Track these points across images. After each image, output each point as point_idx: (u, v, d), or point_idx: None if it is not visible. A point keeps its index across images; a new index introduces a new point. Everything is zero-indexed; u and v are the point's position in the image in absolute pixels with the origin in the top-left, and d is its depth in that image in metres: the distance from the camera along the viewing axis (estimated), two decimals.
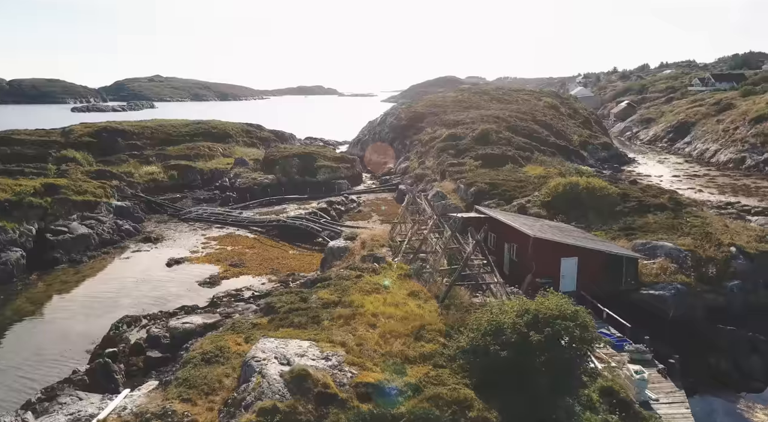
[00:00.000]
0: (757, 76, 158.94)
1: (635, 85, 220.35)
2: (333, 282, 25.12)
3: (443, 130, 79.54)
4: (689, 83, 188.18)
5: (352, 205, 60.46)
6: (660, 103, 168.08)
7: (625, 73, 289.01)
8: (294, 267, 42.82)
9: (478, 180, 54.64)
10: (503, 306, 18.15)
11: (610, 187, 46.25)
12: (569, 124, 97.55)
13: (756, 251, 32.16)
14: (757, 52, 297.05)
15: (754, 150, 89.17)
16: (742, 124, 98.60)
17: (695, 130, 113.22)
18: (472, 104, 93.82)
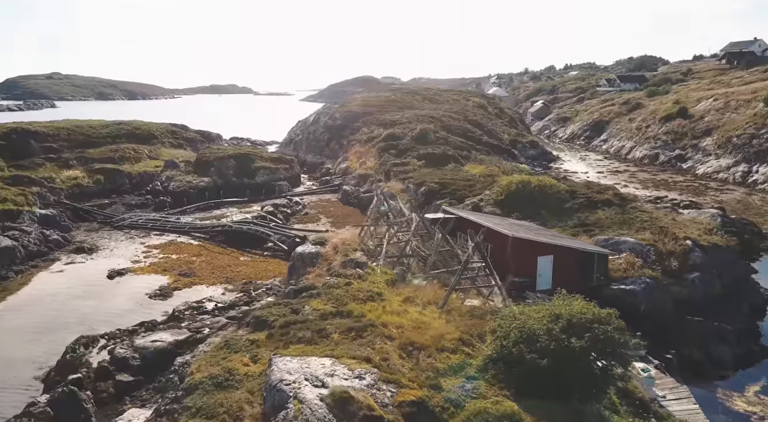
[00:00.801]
0: (657, 78, 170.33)
1: (547, 86, 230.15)
2: (322, 291, 23.94)
3: (381, 130, 79.21)
4: (596, 84, 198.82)
5: (298, 208, 58.81)
6: (572, 102, 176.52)
7: (535, 74, 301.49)
8: (249, 274, 40.91)
9: (427, 179, 54.67)
10: (527, 312, 17.84)
11: (560, 185, 47.60)
12: (497, 123, 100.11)
13: (708, 243, 34.00)
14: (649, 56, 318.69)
15: (666, 146, 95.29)
16: (653, 122, 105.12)
17: (610, 128, 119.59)
18: (405, 104, 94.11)
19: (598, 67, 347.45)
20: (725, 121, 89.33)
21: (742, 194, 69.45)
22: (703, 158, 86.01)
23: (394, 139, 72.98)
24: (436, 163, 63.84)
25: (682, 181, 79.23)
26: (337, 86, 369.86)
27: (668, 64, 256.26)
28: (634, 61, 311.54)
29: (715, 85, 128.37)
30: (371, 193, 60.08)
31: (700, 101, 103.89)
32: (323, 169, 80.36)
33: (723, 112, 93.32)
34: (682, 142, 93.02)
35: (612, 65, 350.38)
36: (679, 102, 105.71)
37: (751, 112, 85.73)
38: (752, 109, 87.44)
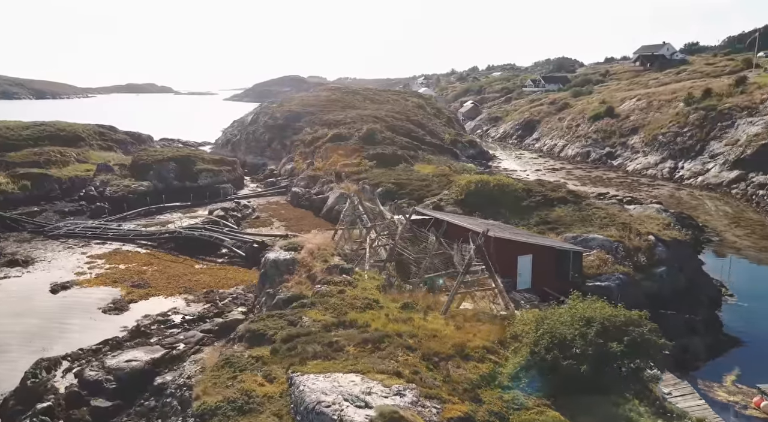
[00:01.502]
0: (578, 79, 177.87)
1: (474, 86, 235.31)
2: (316, 300, 22.84)
3: (325, 130, 77.99)
4: (522, 84, 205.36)
5: (248, 211, 56.71)
6: (500, 102, 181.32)
7: (461, 74, 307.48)
8: (208, 283, 38.84)
9: (383, 180, 54.21)
10: (550, 316, 17.60)
11: (517, 183, 48.36)
12: (437, 123, 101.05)
13: (669, 238, 35.41)
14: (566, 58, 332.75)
15: (597, 144, 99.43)
16: (582, 121, 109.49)
17: (541, 127, 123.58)
18: (347, 104, 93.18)
19: (519, 68, 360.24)
20: (650, 120, 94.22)
21: (671, 189, 73.36)
22: (632, 155, 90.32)
23: (340, 140, 71.98)
24: (387, 163, 63.48)
25: (615, 177, 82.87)
26: (264, 85, 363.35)
27: (585, 66, 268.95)
28: (552, 63, 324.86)
29: (635, 85, 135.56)
30: (323, 194, 59.06)
31: (624, 101, 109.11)
32: (266, 170, 78.16)
33: (647, 111, 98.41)
34: (611, 140, 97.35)
35: (531, 66, 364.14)
36: (606, 102, 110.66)
37: (674, 112, 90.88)
38: (674, 108, 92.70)
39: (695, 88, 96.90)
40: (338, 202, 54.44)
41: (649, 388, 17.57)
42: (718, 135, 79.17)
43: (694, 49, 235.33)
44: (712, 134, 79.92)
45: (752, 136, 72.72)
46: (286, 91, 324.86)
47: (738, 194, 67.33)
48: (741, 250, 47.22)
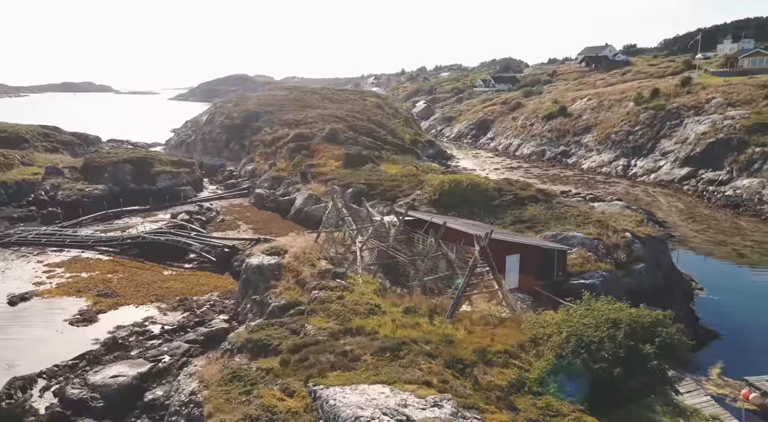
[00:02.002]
0: (528, 79, 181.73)
1: (425, 86, 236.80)
2: (314, 307, 22.04)
3: (286, 130, 76.57)
4: (472, 84, 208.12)
5: (212, 214, 54.89)
6: (452, 102, 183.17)
7: (411, 74, 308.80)
8: (181, 290, 37.25)
9: (353, 180, 53.52)
10: (571, 318, 17.46)
11: (488, 182, 48.61)
12: (395, 122, 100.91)
13: (644, 235, 36.25)
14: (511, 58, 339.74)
15: (551, 143, 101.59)
16: (536, 120, 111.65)
17: (495, 126, 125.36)
18: (306, 103, 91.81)
19: (466, 68, 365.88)
20: (602, 119, 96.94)
21: (626, 186, 75.63)
22: (586, 153, 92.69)
23: (303, 139, 70.78)
24: (353, 163, 62.80)
25: (572, 175, 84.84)
26: (210, 85, 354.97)
27: (530, 67, 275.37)
28: (498, 63, 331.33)
29: (583, 85, 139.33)
30: (290, 195, 57.93)
31: (576, 100, 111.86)
32: (225, 171, 76.09)
33: (598, 110, 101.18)
34: (565, 139, 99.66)
35: (478, 67, 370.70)
36: (558, 101, 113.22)
37: (624, 111, 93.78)
38: (624, 108, 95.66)
39: (643, 88, 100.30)
40: (307, 203, 53.52)
41: (673, 388, 17.72)
42: (667, 133, 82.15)
43: (633, 51, 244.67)
44: (662, 133, 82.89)
45: (700, 134, 75.76)
46: (234, 90, 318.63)
47: (689, 190, 69.98)
48: (701, 245, 48.97)
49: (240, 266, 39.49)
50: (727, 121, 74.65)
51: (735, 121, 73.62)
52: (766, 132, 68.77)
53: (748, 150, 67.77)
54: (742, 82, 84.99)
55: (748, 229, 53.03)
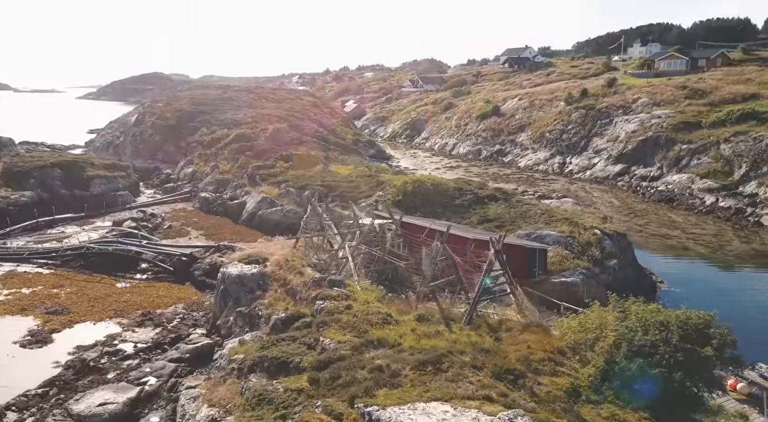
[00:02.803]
0: (454, 80, 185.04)
1: (352, 86, 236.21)
2: (323, 318, 20.81)
3: (225, 130, 73.63)
4: (399, 84, 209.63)
5: (158, 221, 51.65)
6: (382, 102, 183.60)
7: (337, 74, 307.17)
8: (140, 304, 34.55)
9: (309, 182, 52.07)
10: (610, 322, 17.24)
11: (449, 183, 48.62)
12: (334, 122, 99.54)
13: (611, 231, 37.31)
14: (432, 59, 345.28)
15: (487, 142, 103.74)
16: (470, 120, 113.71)
17: (429, 126, 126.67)
18: (243, 102, 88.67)
19: (389, 68, 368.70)
20: (535, 119, 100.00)
21: (564, 183, 78.24)
22: (522, 152, 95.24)
23: (246, 140, 68.25)
24: (303, 164, 61.22)
25: (511, 173, 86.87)
26: (124, 83, 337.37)
27: (451, 67, 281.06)
28: (421, 64, 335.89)
29: (511, 86, 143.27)
30: (239, 199, 55.64)
31: (507, 100, 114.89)
32: (161, 174, 72.11)
33: (530, 110, 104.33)
34: (500, 138, 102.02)
35: (399, 67, 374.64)
36: (490, 101, 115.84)
37: (556, 111, 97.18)
38: (555, 107, 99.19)
39: (570, 89, 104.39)
40: (261, 206, 51.47)
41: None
42: (599, 132, 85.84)
43: (548, 53, 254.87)
44: (594, 131, 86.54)
45: (630, 132, 79.67)
46: (150, 89, 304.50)
47: (624, 186, 73.36)
48: (648, 239, 51.19)
49: (202, 275, 37.52)
50: (654, 119, 78.90)
51: (661, 119, 77.92)
52: (690, 130, 73.16)
53: (676, 147, 71.86)
54: (663, 83, 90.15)
55: (685, 223, 56.05)
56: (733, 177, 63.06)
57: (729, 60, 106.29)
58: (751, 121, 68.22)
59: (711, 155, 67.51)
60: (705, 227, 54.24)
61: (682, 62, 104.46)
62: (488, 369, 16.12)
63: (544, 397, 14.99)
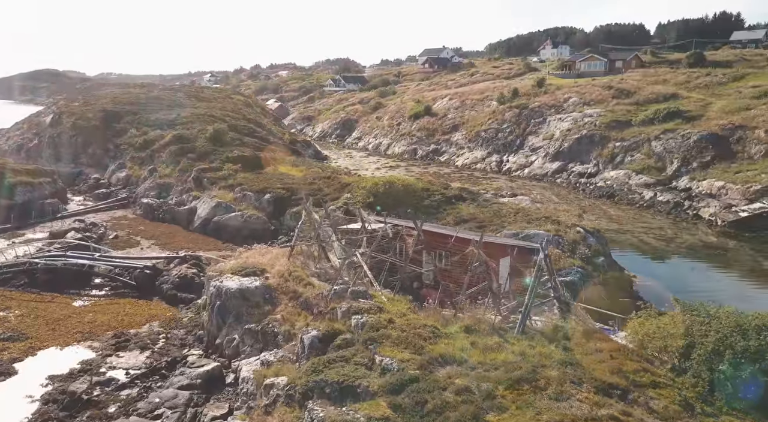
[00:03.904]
0: (377, 79, 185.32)
1: (270, 85, 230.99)
2: (369, 335, 19.17)
3: (158, 131, 68.97)
4: (319, 84, 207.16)
5: (101, 230, 47.17)
6: (304, 101, 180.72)
7: (252, 72, 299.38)
8: (109, 324, 31.12)
9: (268, 185, 49.58)
10: (697, 326, 16.81)
11: (417, 183, 47.85)
12: (267, 122, 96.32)
13: (592, 229, 37.93)
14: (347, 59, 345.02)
15: (422, 142, 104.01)
16: (403, 120, 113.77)
17: (360, 126, 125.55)
18: (173, 102, 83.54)
19: (301, 67, 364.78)
20: (468, 118, 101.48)
21: (505, 181, 79.70)
22: (458, 151, 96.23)
23: (186, 142, 64.13)
24: (251, 166, 58.40)
25: (450, 172, 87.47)
26: (11, 80, 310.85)
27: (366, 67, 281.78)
28: (337, 63, 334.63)
29: (436, 86, 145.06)
30: (188, 204, 52.17)
31: (436, 100, 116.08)
32: (89, 179, 66.37)
33: (462, 110, 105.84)
34: (435, 138, 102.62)
35: (313, 66, 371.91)
36: (421, 101, 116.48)
37: (489, 110, 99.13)
38: (488, 107, 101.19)
39: (498, 89, 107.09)
40: (216, 212, 48.35)
41: None
42: (533, 130, 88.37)
43: (461, 54, 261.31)
44: (528, 130, 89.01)
45: (565, 131, 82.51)
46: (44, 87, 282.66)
47: (563, 183, 75.82)
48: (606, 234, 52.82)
49: (172, 289, 34.57)
50: (587, 118, 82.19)
51: (594, 118, 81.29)
52: (622, 128, 76.77)
53: (610, 144, 75.13)
54: (590, 84, 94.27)
55: (632, 218, 58.47)
56: (666, 172, 66.66)
57: (642, 62, 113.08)
58: (677, 119, 72.56)
59: (643, 152, 71.07)
60: (651, 221, 56.86)
61: (602, 63, 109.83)
62: (588, 384, 15.32)
63: (663, 413, 14.38)
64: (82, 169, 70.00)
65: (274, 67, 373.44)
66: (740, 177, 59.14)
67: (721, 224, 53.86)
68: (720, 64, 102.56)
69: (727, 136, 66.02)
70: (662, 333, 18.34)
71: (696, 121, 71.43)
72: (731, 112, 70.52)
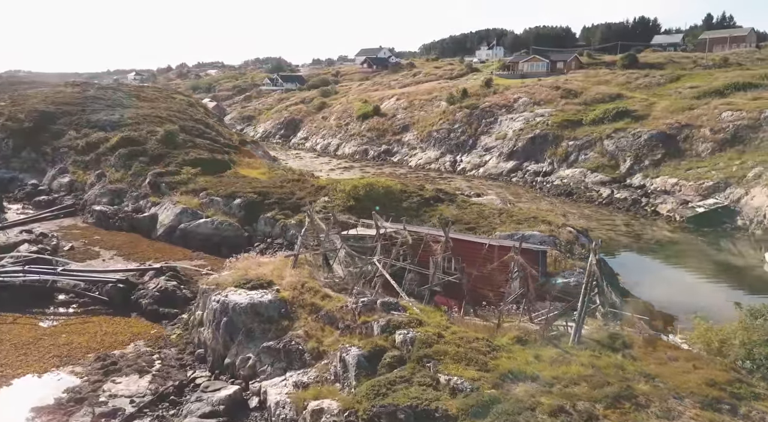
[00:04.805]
0: (316, 79, 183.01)
1: (202, 83, 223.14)
2: (422, 352, 17.80)
3: (102, 133, 64.41)
4: (254, 82, 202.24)
5: (53, 241, 43.10)
6: (241, 101, 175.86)
7: (181, 71, 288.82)
8: (88, 345, 28.10)
9: (238, 190, 47.03)
10: None
11: (395, 184, 46.72)
12: (213, 122, 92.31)
13: (581, 228, 38.06)
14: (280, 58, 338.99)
15: (373, 142, 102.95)
16: (351, 120, 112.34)
17: (305, 126, 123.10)
18: (114, 102, 78.21)
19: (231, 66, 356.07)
20: (418, 118, 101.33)
21: (462, 180, 79.95)
22: (410, 151, 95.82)
23: (135, 144, 60.09)
24: (211, 169, 55.40)
25: (406, 172, 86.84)
26: None
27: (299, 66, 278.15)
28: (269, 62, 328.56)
29: (379, 86, 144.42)
30: (146, 211, 48.90)
31: (383, 100, 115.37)
32: (26, 186, 61.00)
33: (411, 110, 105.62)
34: (385, 138, 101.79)
35: (242, 65, 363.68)
36: (368, 101, 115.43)
37: (440, 110, 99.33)
38: (437, 107, 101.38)
39: (445, 89, 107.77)
40: (181, 219, 45.33)
41: None
42: (486, 130, 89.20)
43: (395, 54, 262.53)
44: (481, 130, 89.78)
45: (518, 130, 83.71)
46: None
47: (519, 182, 76.80)
48: None
49: (153, 304, 31.85)
50: (538, 118, 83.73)
51: (545, 118, 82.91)
52: (573, 128, 78.68)
53: (563, 143, 76.78)
54: (537, 84, 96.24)
55: (594, 215, 59.67)
56: (620, 170, 68.75)
57: (581, 63, 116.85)
58: (627, 119, 75.05)
59: (597, 150, 73.06)
60: (613, 218, 58.25)
61: (544, 64, 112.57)
62: (690, 399, 14.64)
63: None
64: (15, 174, 64.28)
65: (201, 66, 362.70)
66: (692, 174, 61.71)
67: (680, 220, 55.82)
68: (653, 65, 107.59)
69: (675, 134, 68.79)
70: (742, 340, 18.00)
71: (644, 120, 74.11)
72: (675, 112, 73.62)
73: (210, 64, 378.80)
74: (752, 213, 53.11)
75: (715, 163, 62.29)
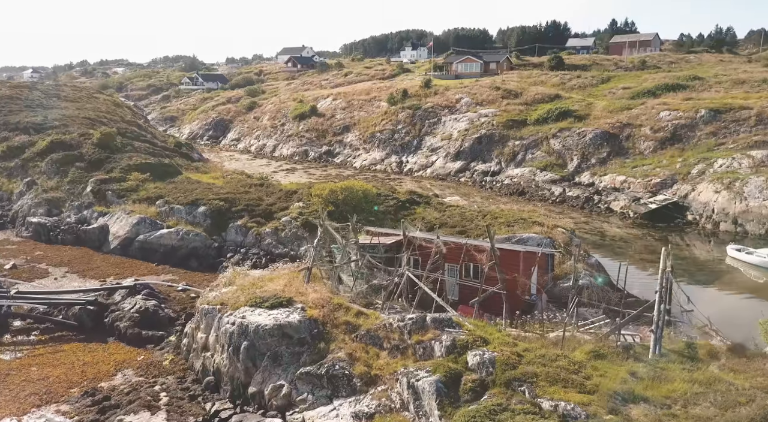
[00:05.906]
0: (239, 78, 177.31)
1: (112, 82, 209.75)
2: (509, 375, 16.21)
3: (25, 137, 58.12)
4: (169, 82, 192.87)
5: None
6: (159, 100, 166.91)
7: (87, 69, 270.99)
8: (67, 378, 24.50)
9: (202, 197, 43.43)
10: None
11: (372, 188, 44.89)
12: (144, 124, 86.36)
13: (571, 229, 37.91)
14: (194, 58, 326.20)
15: (313, 143, 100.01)
16: (287, 120, 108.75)
17: (236, 127, 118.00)
18: (35, 102, 70.91)
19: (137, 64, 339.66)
20: (358, 119, 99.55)
21: (410, 181, 79.03)
22: (353, 152, 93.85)
23: (68, 149, 54.51)
24: (160, 174, 51.16)
25: (351, 174, 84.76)
26: None
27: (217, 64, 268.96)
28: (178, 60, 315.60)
29: (309, 85, 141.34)
30: (91, 222, 44.36)
31: (318, 100, 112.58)
32: None
33: (350, 111, 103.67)
34: (326, 139, 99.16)
35: (150, 63, 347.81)
36: (303, 101, 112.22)
37: (380, 111, 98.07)
38: (378, 108, 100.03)
39: (382, 89, 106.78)
40: (140, 230, 41.28)
41: None
42: (429, 131, 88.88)
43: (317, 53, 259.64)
44: (425, 130, 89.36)
45: (463, 131, 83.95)
46: None
47: (468, 181, 76.88)
48: None
49: (133, 326, 28.43)
50: (483, 118, 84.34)
51: (489, 118, 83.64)
52: (518, 127, 79.83)
53: (510, 143, 77.65)
54: (476, 84, 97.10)
55: (550, 214, 60.37)
56: (568, 169, 70.31)
57: (512, 64, 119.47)
58: (569, 118, 76.95)
59: (543, 149, 74.40)
60: (571, 216, 59.21)
61: (477, 65, 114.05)
62: None
63: None
64: None
65: (105, 64, 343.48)
66: (638, 171, 63.97)
67: (634, 216, 57.54)
68: (578, 67, 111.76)
69: (617, 133, 71.23)
70: None
71: (585, 119, 76.28)
72: (615, 112, 76.31)
73: (114, 61, 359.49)
74: (701, 209, 55.55)
75: (659, 160, 64.91)
